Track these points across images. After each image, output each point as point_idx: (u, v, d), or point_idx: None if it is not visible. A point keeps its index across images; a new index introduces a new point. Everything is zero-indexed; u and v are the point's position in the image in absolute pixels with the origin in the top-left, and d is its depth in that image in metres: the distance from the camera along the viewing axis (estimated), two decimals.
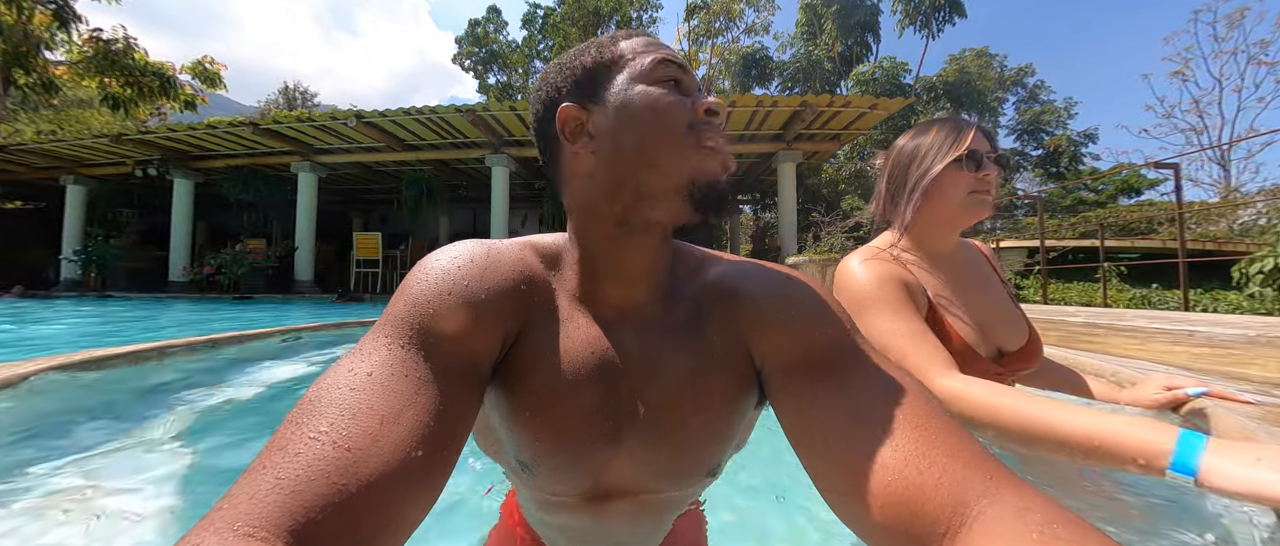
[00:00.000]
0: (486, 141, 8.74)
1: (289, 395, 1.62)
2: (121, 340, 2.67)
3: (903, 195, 0.88)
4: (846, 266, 0.85)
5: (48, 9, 10.95)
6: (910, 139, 0.89)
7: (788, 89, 14.63)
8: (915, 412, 0.35)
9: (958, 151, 0.81)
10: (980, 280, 0.92)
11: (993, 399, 0.65)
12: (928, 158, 0.84)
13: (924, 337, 0.76)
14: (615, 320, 0.47)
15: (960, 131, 0.83)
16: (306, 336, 2.51)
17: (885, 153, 0.94)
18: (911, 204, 0.85)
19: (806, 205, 10.20)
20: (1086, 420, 0.54)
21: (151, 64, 12.09)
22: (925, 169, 0.84)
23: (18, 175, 10.47)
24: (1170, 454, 0.48)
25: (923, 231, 0.88)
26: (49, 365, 1.43)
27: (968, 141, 0.82)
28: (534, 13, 20.83)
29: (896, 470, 0.32)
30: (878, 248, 0.89)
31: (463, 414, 0.37)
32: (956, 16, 12.82)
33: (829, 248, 6.78)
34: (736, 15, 16.90)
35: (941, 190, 0.83)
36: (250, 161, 9.48)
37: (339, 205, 13.53)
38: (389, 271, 9.65)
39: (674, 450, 0.47)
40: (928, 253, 0.89)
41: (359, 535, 0.28)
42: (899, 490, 0.31)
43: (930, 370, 0.73)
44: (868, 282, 0.81)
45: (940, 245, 0.89)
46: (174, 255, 9.43)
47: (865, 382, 0.37)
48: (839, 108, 7.28)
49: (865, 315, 0.79)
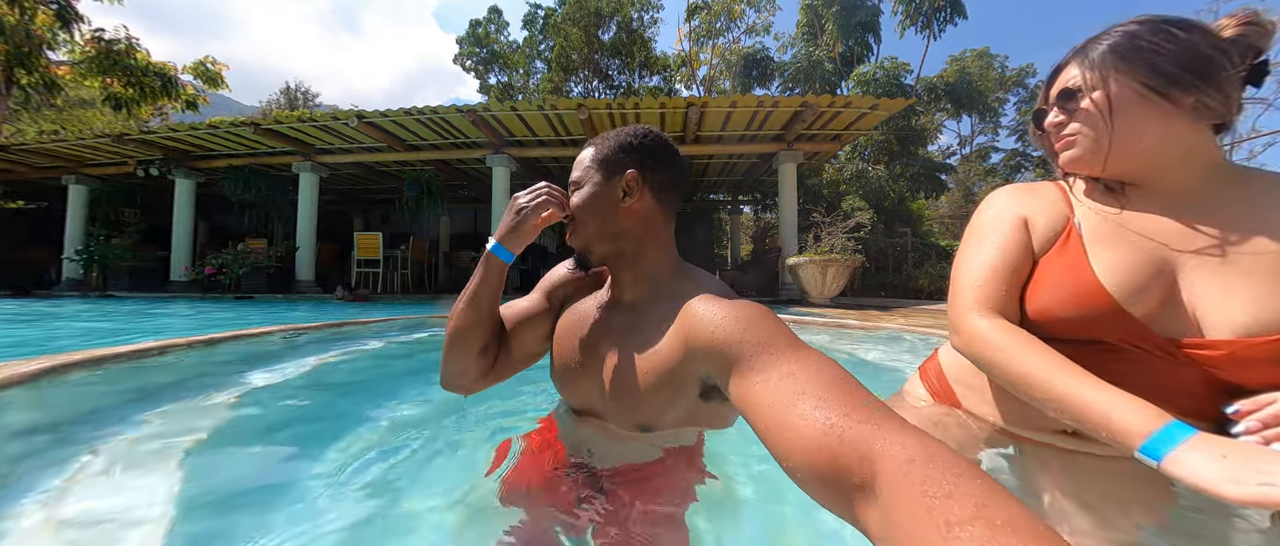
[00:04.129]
0: (487, 142, 8.74)
1: (290, 396, 1.62)
2: (121, 340, 2.67)
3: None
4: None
5: (50, 9, 10.98)
6: None
7: (788, 89, 14.62)
8: (821, 389, 0.45)
9: (1035, 109, 0.77)
10: (1209, 230, 0.63)
11: (1003, 346, 0.63)
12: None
13: (981, 270, 0.71)
14: (610, 305, 0.80)
15: (1046, 82, 0.75)
16: (307, 336, 2.51)
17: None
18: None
19: (807, 205, 10.19)
20: (1084, 391, 0.56)
21: (153, 64, 12.12)
22: (1029, 127, 0.80)
23: (20, 175, 10.49)
24: (1148, 436, 0.50)
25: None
26: (50, 365, 1.43)
27: (1041, 99, 0.76)
28: (535, 13, 20.84)
29: (813, 438, 0.41)
30: (1053, 177, 0.81)
31: (546, 319, 0.88)
32: (957, 17, 12.81)
33: (829, 248, 6.77)
34: (737, 16, 16.90)
35: (1041, 143, 0.78)
36: (251, 161, 9.49)
37: (340, 205, 13.55)
38: (389, 271, 9.65)
39: (613, 394, 0.73)
40: (1128, 186, 0.69)
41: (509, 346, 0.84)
42: (818, 454, 0.40)
43: (961, 304, 0.71)
44: (976, 216, 0.80)
45: (1132, 180, 0.68)
46: (175, 255, 9.44)
47: (780, 377, 0.49)
48: (840, 108, 7.28)
49: (960, 246, 0.79)
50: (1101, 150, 0.66)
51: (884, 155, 13.71)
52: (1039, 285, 0.70)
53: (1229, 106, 0.61)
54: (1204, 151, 0.64)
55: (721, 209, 14.87)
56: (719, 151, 8.90)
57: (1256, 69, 0.61)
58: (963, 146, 19.47)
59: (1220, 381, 0.60)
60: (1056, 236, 0.71)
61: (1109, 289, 0.63)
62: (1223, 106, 0.61)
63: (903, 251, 10.63)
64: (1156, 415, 0.51)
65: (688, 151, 8.86)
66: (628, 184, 0.73)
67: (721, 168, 10.61)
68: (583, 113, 7.37)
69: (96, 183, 10.20)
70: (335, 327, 2.71)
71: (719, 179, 11.75)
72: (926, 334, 2.72)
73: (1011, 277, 0.70)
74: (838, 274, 6.51)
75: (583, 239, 0.77)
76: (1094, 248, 0.67)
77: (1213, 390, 0.61)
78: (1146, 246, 0.64)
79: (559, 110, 7.45)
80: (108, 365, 1.61)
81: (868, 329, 3.06)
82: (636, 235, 0.74)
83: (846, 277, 6.67)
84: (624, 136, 0.75)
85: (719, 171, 10.99)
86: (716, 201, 14.56)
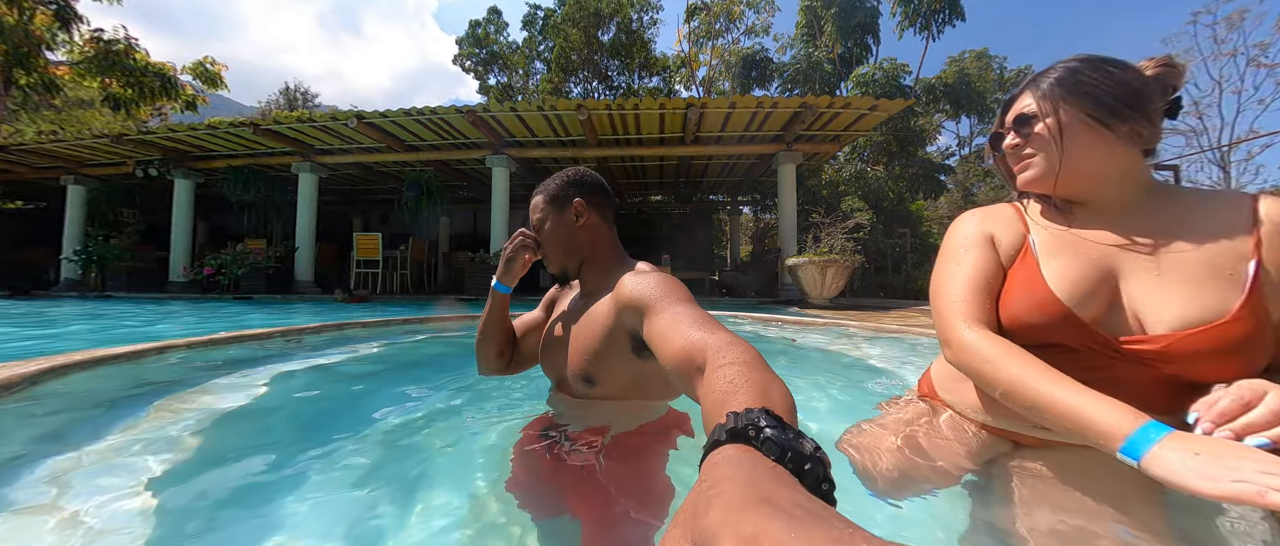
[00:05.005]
0: (487, 142, 8.74)
1: (289, 394, 1.62)
2: (121, 340, 2.67)
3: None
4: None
5: (49, 9, 10.97)
6: None
7: (788, 90, 14.61)
8: (693, 322, 0.65)
9: (991, 132, 0.84)
10: (1144, 240, 0.70)
11: (990, 357, 0.69)
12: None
13: (961, 286, 0.78)
14: (577, 298, 1.06)
15: (1001, 109, 0.83)
16: (309, 337, 2.51)
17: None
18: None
19: (806, 206, 10.20)
20: (1067, 397, 0.59)
21: (152, 64, 12.13)
22: (985, 148, 0.87)
23: (18, 175, 10.48)
24: (1126, 437, 0.52)
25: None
26: (50, 365, 1.43)
27: (996, 123, 0.83)
28: (534, 14, 20.84)
29: (681, 346, 0.62)
30: (1007, 200, 0.90)
31: (543, 326, 1.21)
32: (956, 18, 12.80)
33: (829, 248, 6.78)
34: (737, 17, 16.91)
35: (998, 166, 0.86)
36: (251, 162, 9.49)
37: (339, 205, 13.54)
38: (389, 272, 9.65)
39: (570, 357, 0.96)
40: (1073, 205, 0.77)
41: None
42: (681, 355, 0.61)
43: (949, 317, 0.77)
44: (946, 240, 0.88)
45: (1077, 198, 0.76)
46: (174, 255, 9.44)
47: (671, 315, 0.70)
48: (839, 109, 7.29)
49: (936, 268, 0.86)
50: (1053, 170, 0.74)
51: (883, 156, 13.72)
52: (1008, 296, 0.77)
53: (1156, 134, 0.71)
54: (1137, 172, 0.73)
55: (721, 209, 14.87)
56: (718, 152, 8.91)
57: (1174, 104, 0.71)
58: (962, 147, 19.44)
59: (1171, 376, 0.65)
60: (1017, 252, 0.79)
61: (1060, 297, 0.71)
62: (1151, 134, 0.71)
63: (902, 252, 10.65)
64: (1134, 416, 0.53)
65: (687, 152, 8.88)
66: (577, 209, 1.00)
67: (721, 168, 10.62)
68: (582, 113, 7.37)
69: (95, 183, 10.19)
70: (337, 329, 2.71)
71: (718, 180, 11.75)
72: (925, 335, 2.72)
73: (989, 290, 0.78)
74: (837, 274, 6.52)
75: (556, 263, 1.04)
76: (1046, 261, 0.75)
77: (1168, 385, 0.66)
78: (1091, 256, 0.72)
79: (558, 111, 7.45)
80: (107, 366, 1.61)
81: (867, 329, 3.06)
82: (590, 244, 1.02)
83: (846, 278, 6.67)
84: (564, 177, 1.04)
85: (718, 172, 11.00)
86: (716, 202, 14.56)
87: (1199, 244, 0.66)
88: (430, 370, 2.17)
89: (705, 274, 10.64)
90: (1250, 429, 0.52)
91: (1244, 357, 0.62)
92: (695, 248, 12.80)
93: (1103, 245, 0.72)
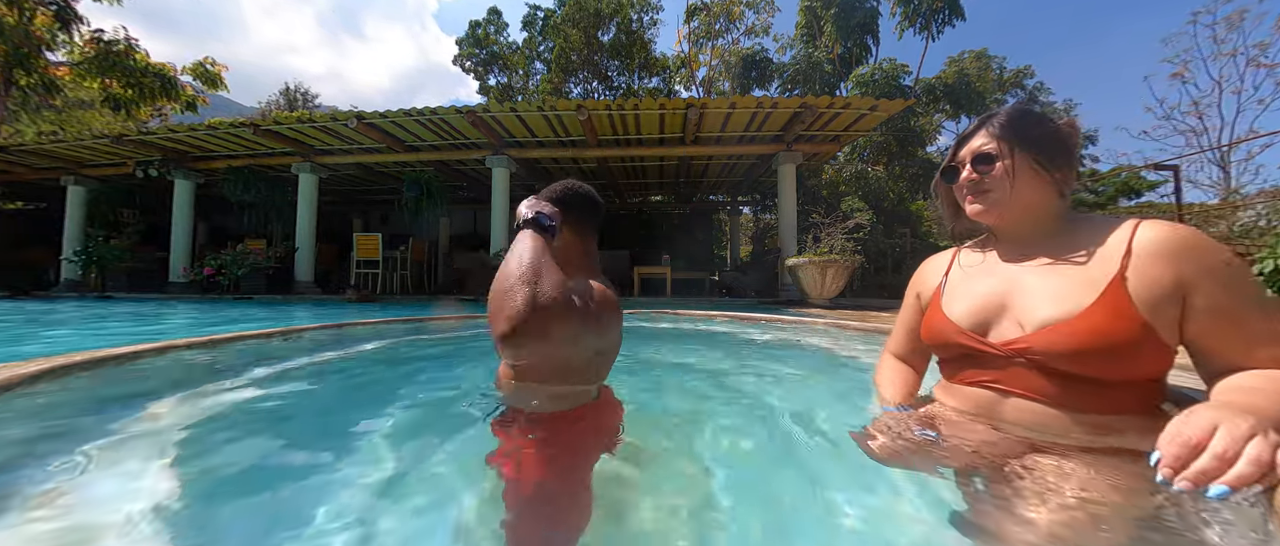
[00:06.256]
0: (487, 142, 8.74)
1: (290, 394, 1.62)
2: (121, 340, 2.67)
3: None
4: None
5: (49, 10, 10.98)
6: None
7: (788, 90, 14.60)
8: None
9: (943, 167, 0.95)
10: (1044, 260, 0.83)
11: (878, 371, 1.13)
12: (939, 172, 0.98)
13: (895, 325, 1.13)
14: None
15: (954, 148, 0.94)
16: (309, 337, 2.51)
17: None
18: (941, 205, 1.02)
19: (806, 206, 10.19)
20: (883, 392, 1.06)
21: (152, 65, 12.13)
22: (935, 180, 0.99)
23: (18, 176, 10.49)
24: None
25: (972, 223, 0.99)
26: (50, 366, 1.43)
27: (948, 160, 0.93)
28: (534, 15, 20.85)
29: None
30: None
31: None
32: (956, 18, 12.80)
33: (829, 249, 6.78)
34: (737, 17, 16.92)
35: (944, 197, 0.99)
36: (251, 162, 9.49)
37: (339, 206, 13.54)
38: (389, 272, 9.65)
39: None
40: (999, 237, 0.94)
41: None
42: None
43: (887, 346, 1.17)
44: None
45: (1005, 231, 0.91)
46: (174, 256, 9.44)
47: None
48: (839, 109, 7.30)
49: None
50: (1003, 204, 0.86)
51: (883, 156, 13.72)
52: (923, 326, 0.99)
53: (1073, 181, 0.86)
54: (1056, 207, 0.86)
55: (721, 210, 14.87)
56: (718, 152, 8.91)
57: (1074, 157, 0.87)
58: None
59: (1058, 371, 0.75)
60: (933, 294, 0.99)
61: (955, 320, 0.89)
62: (1072, 180, 0.86)
63: (902, 252, 10.64)
64: (881, 404, 0.97)
65: (687, 152, 8.88)
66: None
67: (721, 168, 10.62)
68: (582, 114, 7.38)
69: (95, 183, 10.20)
70: (337, 329, 2.71)
71: (718, 180, 11.76)
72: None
73: (909, 329, 1.09)
74: (837, 274, 6.52)
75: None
76: (949, 295, 0.94)
77: (1060, 379, 0.75)
78: (997, 277, 0.88)
79: (558, 111, 7.45)
80: (107, 366, 1.61)
81: (867, 329, 3.06)
82: (562, 261, 1.08)
83: (846, 278, 6.67)
84: (552, 192, 1.09)
85: (718, 172, 11.00)
86: (716, 202, 14.56)
87: (1083, 262, 0.78)
88: (431, 370, 2.17)
89: (705, 274, 10.64)
90: (1205, 477, 0.51)
91: (1105, 353, 0.70)
92: (695, 248, 12.79)
93: (1011, 266, 0.87)
